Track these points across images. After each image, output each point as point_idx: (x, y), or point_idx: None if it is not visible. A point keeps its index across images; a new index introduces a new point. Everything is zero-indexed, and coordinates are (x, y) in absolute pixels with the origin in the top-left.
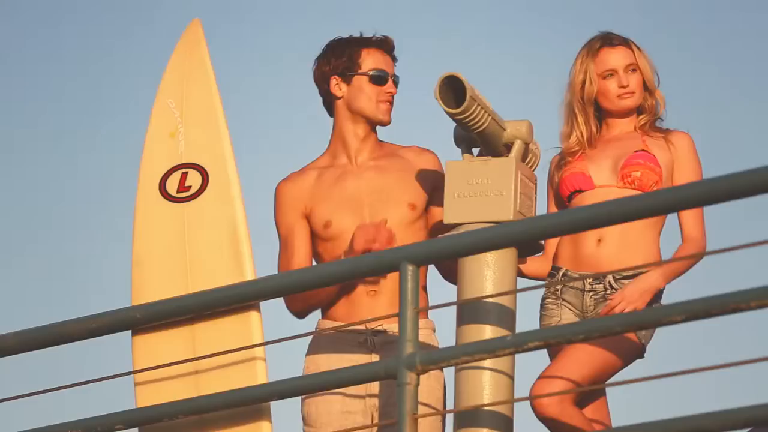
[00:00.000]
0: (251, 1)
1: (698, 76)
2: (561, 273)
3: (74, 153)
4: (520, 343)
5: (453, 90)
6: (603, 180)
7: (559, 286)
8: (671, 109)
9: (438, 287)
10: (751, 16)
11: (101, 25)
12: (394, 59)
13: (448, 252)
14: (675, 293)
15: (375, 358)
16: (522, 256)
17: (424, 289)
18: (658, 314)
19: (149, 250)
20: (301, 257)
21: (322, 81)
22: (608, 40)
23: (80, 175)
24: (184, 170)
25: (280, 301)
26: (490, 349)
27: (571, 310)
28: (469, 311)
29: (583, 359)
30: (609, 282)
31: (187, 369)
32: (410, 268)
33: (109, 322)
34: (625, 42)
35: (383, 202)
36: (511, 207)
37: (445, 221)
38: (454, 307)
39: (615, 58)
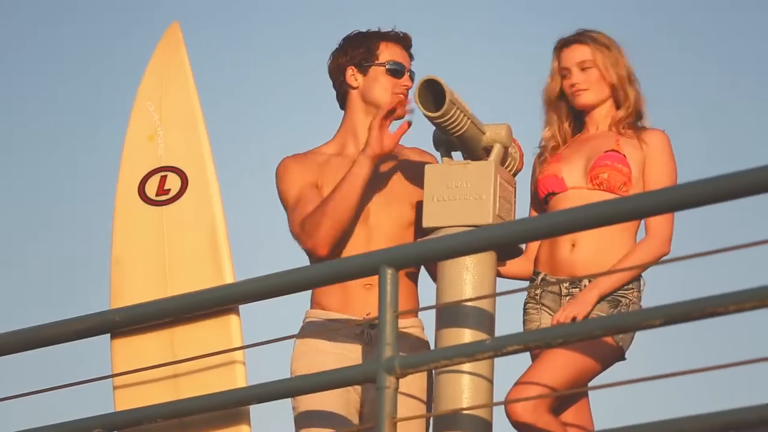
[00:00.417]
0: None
1: (698, 76)
2: (540, 278)
3: (74, 153)
4: (499, 347)
5: (432, 93)
6: (574, 182)
7: (538, 291)
8: (672, 109)
9: (420, 290)
10: (752, 16)
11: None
12: (411, 56)
13: (427, 255)
14: (653, 297)
15: (370, 350)
16: (501, 260)
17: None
18: (636, 318)
19: (128, 253)
20: None
21: (337, 72)
22: (566, 39)
23: (80, 176)
24: (163, 173)
25: (260, 304)
26: (469, 352)
27: (550, 314)
28: (449, 315)
29: (558, 365)
30: (585, 285)
31: (166, 372)
32: (389, 271)
33: (88, 325)
34: (582, 39)
35: (386, 198)
36: (491, 211)
37: (424, 225)
38: (434, 311)
39: (567, 56)
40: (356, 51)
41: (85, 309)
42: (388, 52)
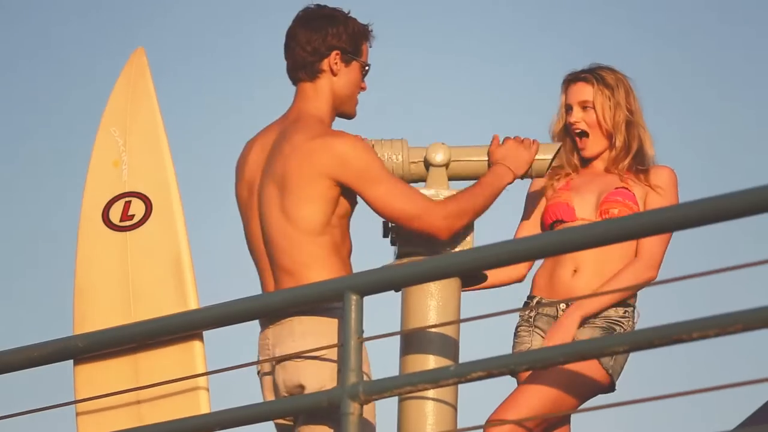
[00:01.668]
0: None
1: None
2: (535, 301)
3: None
4: (463, 374)
5: None
6: (584, 213)
7: (532, 314)
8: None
9: (382, 316)
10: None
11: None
12: None
13: (392, 282)
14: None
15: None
16: (466, 287)
17: None
18: (600, 344)
19: (92, 278)
20: None
21: (323, 47)
22: (574, 75)
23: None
24: (127, 199)
25: (224, 330)
26: (433, 379)
27: (542, 336)
28: (413, 341)
29: (537, 395)
30: None
31: (129, 398)
32: (354, 297)
33: (51, 351)
34: (587, 78)
35: None
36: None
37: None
38: (397, 337)
39: (572, 93)
40: (350, 37)
41: (47, 335)
42: (366, 52)
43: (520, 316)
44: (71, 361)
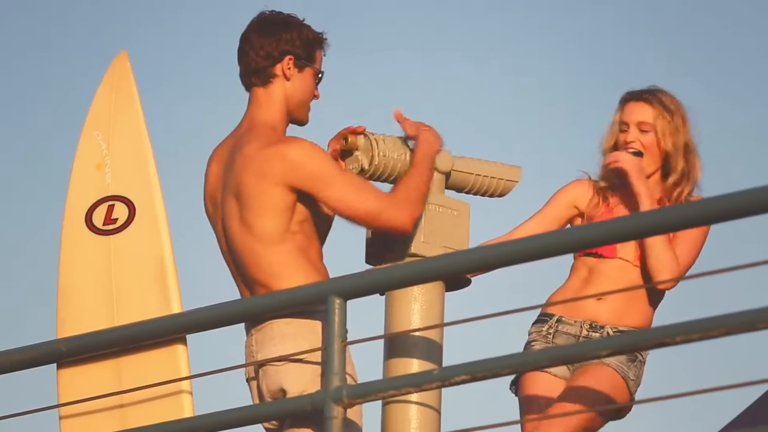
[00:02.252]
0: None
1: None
2: (554, 319)
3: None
4: (447, 377)
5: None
6: (624, 253)
7: (551, 331)
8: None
9: (366, 320)
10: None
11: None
12: None
13: (376, 285)
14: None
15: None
16: (450, 290)
17: None
18: (584, 348)
19: (75, 282)
20: None
21: (276, 52)
22: (635, 93)
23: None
24: (110, 202)
25: (207, 333)
26: (416, 382)
27: None
28: (397, 344)
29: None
30: (607, 333)
31: (112, 402)
32: (337, 301)
33: (34, 355)
34: (649, 99)
35: None
36: (412, 241)
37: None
38: (381, 341)
39: (630, 111)
40: (304, 43)
41: (30, 339)
42: (320, 60)
43: (533, 332)
44: (54, 365)
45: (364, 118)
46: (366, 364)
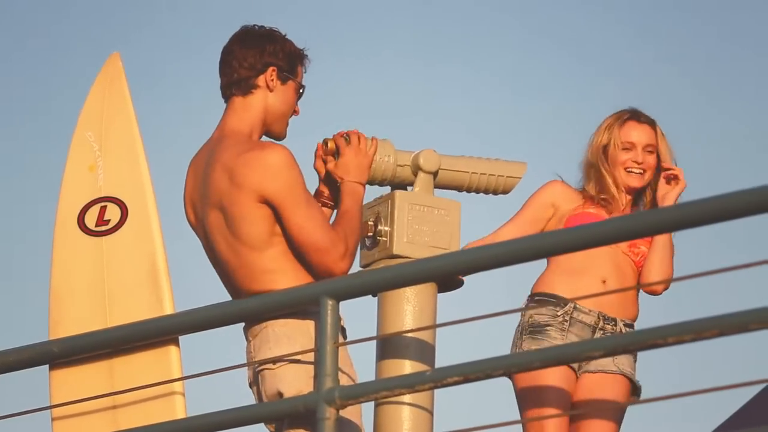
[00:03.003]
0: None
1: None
2: (571, 306)
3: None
4: (440, 378)
5: None
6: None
7: (567, 317)
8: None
9: (359, 322)
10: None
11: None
12: None
13: (368, 287)
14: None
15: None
16: (442, 291)
17: None
18: (577, 349)
19: (68, 283)
20: None
21: (259, 64)
22: (637, 115)
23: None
24: (103, 204)
25: (199, 335)
26: (409, 383)
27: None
28: (389, 346)
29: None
30: (620, 328)
31: (105, 404)
32: (330, 302)
33: (26, 357)
34: (652, 123)
35: None
36: (394, 242)
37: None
38: (374, 342)
39: (638, 133)
40: (287, 56)
41: (23, 340)
42: (301, 75)
43: (542, 313)
44: (47, 366)
45: (355, 122)
46: (358, 365)
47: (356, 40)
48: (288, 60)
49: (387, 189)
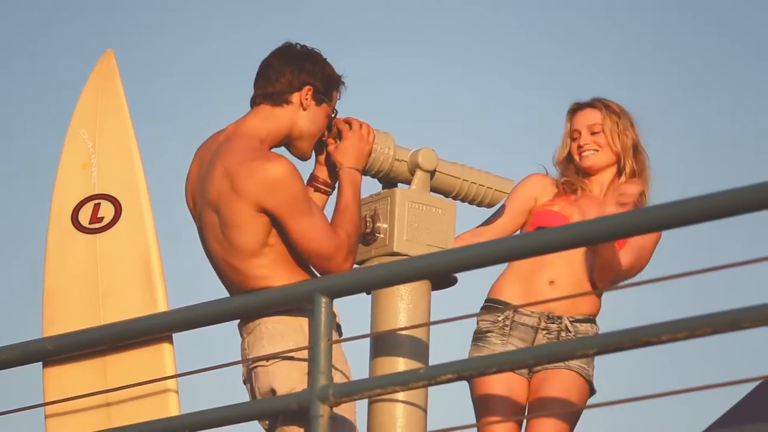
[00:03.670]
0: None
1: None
2: (511, 311)
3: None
4: (433, 376)
5: None
6: None
7: (508, 322)
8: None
9: (354, 319)
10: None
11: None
12: None
13: (362, 284)
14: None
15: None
16: (436, 289)
17: None
18: (571, 347)
19: (61, 281)
20: None
21: (296, 81)
22: (580, 103)
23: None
24: (96, 201)
25: (193, 332)
26: (403, 381)
27: (516, 347)
28: (383, 343)
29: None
30: (565, 324)
31: (98, 401)
32: (323, 300)
33: (20, 354)
34: (594, 105)
35: None
36: (395, 239)
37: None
38: (367, 340)
39: (579, 119)
40: (325, 79)
41: (16, 337)
42: (335, 99)
43: (485, 320)
44: (40, 363)
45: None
46: (352, 362)
47: (356, 40)
48: (325, 82)
49: (378, 185)
